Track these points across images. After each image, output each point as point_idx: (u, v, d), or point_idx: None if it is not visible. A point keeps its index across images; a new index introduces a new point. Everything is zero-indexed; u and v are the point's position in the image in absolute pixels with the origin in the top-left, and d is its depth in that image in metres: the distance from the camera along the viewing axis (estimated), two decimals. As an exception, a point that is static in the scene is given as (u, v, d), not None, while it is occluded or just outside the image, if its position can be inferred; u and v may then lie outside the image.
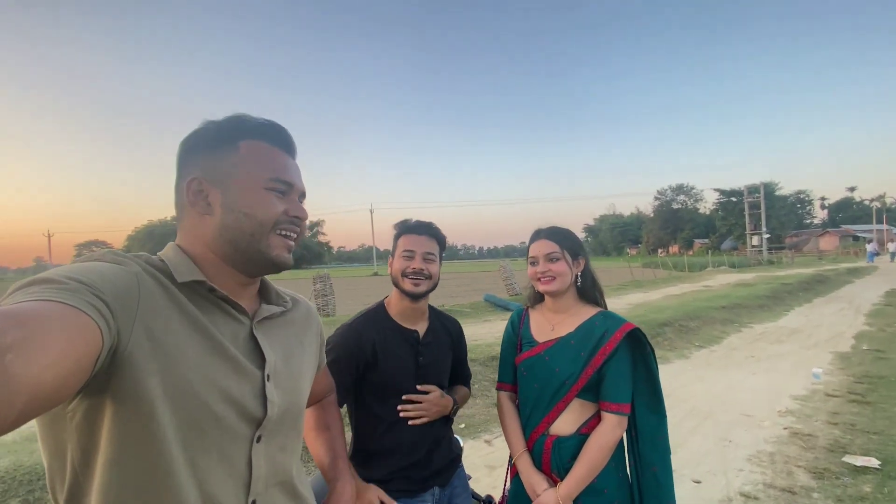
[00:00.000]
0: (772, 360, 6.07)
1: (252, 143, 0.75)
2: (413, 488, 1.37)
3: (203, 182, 0.73)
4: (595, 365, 1.32)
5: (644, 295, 13.21)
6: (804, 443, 3.45)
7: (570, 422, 1.36)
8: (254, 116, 0.77)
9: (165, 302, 0.65)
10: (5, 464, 2.70)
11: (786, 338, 7.50)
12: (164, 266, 0.69)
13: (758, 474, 3.00)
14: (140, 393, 0.58)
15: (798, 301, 11.96)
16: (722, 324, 8.57)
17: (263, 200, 0.74)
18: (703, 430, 3.76)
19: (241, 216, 0.72)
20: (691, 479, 2.96)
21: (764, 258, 37.55)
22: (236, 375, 0.70)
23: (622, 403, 1.30)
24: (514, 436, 1.43)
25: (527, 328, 1.50)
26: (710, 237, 65.39)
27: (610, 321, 1.37)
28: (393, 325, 1.44)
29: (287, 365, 0.81)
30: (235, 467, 0.70)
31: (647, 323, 7.62)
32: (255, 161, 0.74)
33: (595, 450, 1.28)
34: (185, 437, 0.63)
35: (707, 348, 6.90)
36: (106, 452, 0.58)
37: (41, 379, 0.42)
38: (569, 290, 1.42)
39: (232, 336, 0.72)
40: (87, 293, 0.53)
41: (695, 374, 5.53)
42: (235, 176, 0.73)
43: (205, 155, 0.73)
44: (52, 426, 0.60)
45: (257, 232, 0.73)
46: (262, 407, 0.73)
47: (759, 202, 44.10)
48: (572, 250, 1.41)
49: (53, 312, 0.47)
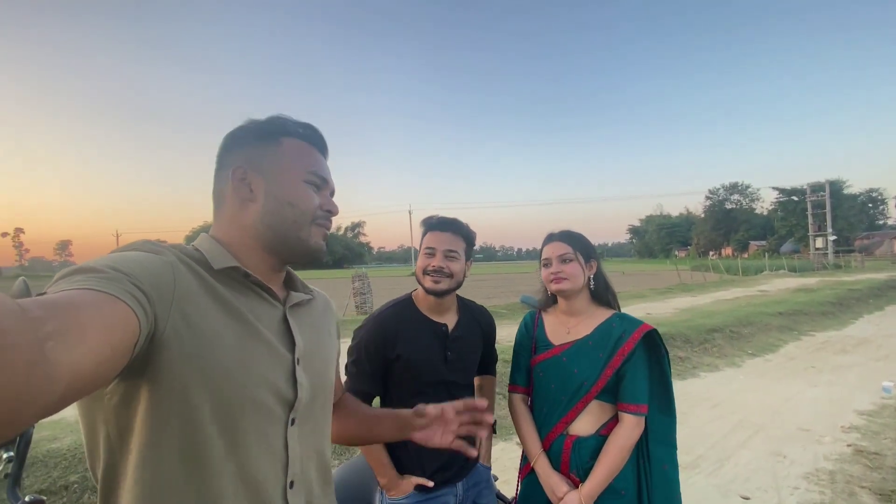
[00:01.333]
0: (835, 371, 5.61)
1: (292, 141, 0.80)
2: (438, 484, 1.36)
3: (247, 171, 0.77)
4: (614, 366, 1.33)
5: (692, 299, 12.59)
6: (870, 462, 3.16)
7: (589, 423, 1.36)
8: (294, 119, 0.82)
9: (200, 289, 0.67)
10: (67, 443, 2.94)
11: (852, 348, 6.92)
12: (198, 255, 0.72)
13: (815, 493, 2.77)
14: (177, 377, 0.60)
15: (868, 308, 11.03)
16: (779, 331, 8.02)
17: (304, 192, 0.79)
18: (754, 444, 3.52)
19: (284, 205, 0.77)
20: (739, 494, 2.78)
21: (829, 262, 34.98)
22: (270, 359, 0.72)
23: (640, 404, 1.32)
24: (530, 438, 1.43)
25: (541, 330, 1.50)
26: (767, 239, 61.43)
27: (627, 323, 1.39)
28: (421, 317, 1.43)
29: (315, 350, 0.83)
30: (273, 449, 0.71)
31: (695, 328, 7.24)
32: (296, 155, 0.79)
33: (616, 451, 1.29)
34: (222, 420, 0.64)
35: (761, 357, 6.48)
36: (142, 434, 0.60)
37: (80, 365, 0.44)
38: (582, 293, 1.44)
39: (267, 320, 0.75)
40: (126, 282, 0.55)
41: (746, 383, 5.20)
42: (278, 167, 0.77)
43: (249, 147, 0.78)
44: (90, 408, 0.63)
45: (299, 220, 0.78)
46: (293, 390, 0.75)
47: (823, 201, 41.13)
48: (585, 252, 1.44)
49: (93, 301, 0.49)
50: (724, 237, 71.98)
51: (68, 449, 2.86)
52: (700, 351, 6.49)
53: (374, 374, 1.37)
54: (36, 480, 2.51)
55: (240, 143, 0.79)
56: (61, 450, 2.84)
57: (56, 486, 2.49)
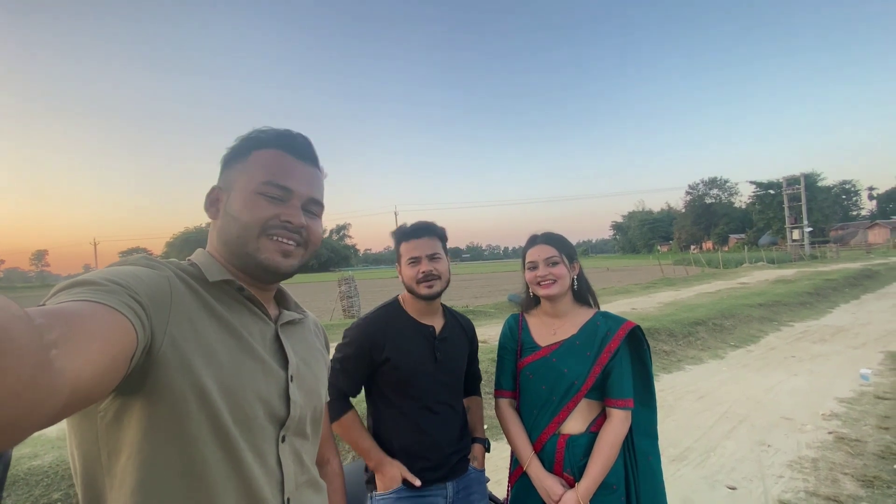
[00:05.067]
0: (815, 360, 5.75)
1: (261, 153, 0.76)
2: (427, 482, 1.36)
3: (220, 190, 0.78)
4: (602, 363, 1.36)
5: (675, 293, 12.80)
6: (851, 448, 3.24)
7: (579, 421, 1.38)
8: (275, 129, 0.79)
9: (196, 304, 0.67)
10: (49, 459, 2.85)
11: (830, 337, 7.11)
12: (193, 270, 0.72)
13: (799, 481, 2.83)
14: (174, 392, 0.59)
15: (844, 298, 11.34)
16: (759, 322, 8.20)
17: (250, 204, 0.74)
18: (739, 434, 3.59)
19: (230, 219, 0.74)
20: (725, 485, 2.82)
21: (806, 253, 35.89)
22: (264, 375, 0.72)
23: (626, 399, 1.35)
24: (521, 441, 1.42)
25: (527, 333, 1.51)
26: (746, 232, 62.90)
27: (611, 321, 1.42)
28: (408, 319, 1.45)
29: (307, 368, 0.83)
30: (269, 467, 0.71)
31: (679, 322, 7.36)
32: (256, 167, 0.75)
33: (607, 447, 1.31)
34: (221, 437, 0.64)
35: (743, 348, 6.62)
36: (138, 451, 0.59)
37: (82, 375, 0.43)
38: (566, 294, 1.46)
39: (260, 336, 0.75)
40: (124, 294, 0.55)
41: (730, 374, 5.30)
42: (236, 182, 0.76)
43: (226, 166, 0.79)
44: (81, 425, 0.61)
45: (242, 235, 0.74)
46: (286, 407, 0.74)
47: (799, 194, 42.18)
48: (568, 254, 1.46)
49: (93, 312, 0.49)
50: (705, 231, 73.43)
51: (49, 466, 2.77)
52: (684, 344, 6.60)
53: (356, 375, 1.41)
54: (18, 499, 2.43)
55: (224, 162, 0.79)
56: (42, 467, 2.75)
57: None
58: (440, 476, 1.38)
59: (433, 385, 1.40)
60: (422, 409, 1.39)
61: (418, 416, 1.38)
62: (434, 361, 1.41)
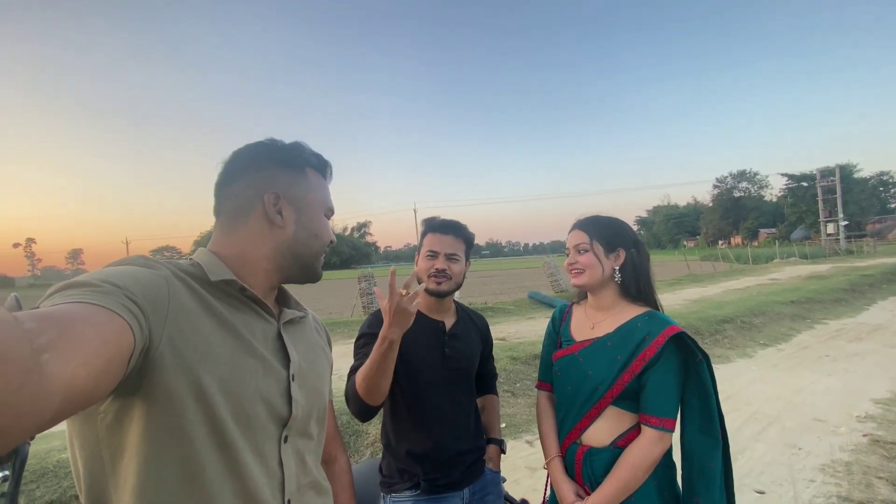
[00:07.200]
0: (850, 359, 5.51)
1: (313, 173, 0.85)
2: (441, 485, 1.34)
3: (281, 198, 0.79)
4: (633, 371, 1.18)
5: (701, 290, 12.48)
6: (887, 452, 3.09)
7: (604, 431, 1.23)
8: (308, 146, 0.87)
9: (195, 303, 0.66)
10: (66, 455, 2.96)
11: (866, 335, 6.80)
12: (194, 269, 0.71)
13: (831, 485, 2.71)
14: (172, 393, 0.59)
15: (881, 294, 10.85)
16: (791, 320, 7.91)
17: (326, 226, 0.86)
18: (768, 437, 3.47)
19: (311, 236, 0.83)
20: (753, 489, 2.73)
21: (841, 247, 34.47)
22: (265, 375, 0.71)
23: (664, 418, 1.15)
24: (548, 438, 1.35)
25: (567, 325, 1.40)
26: (777, 226, 60.74)
27: (654, 323, 1.21)
28: (419, 315, 1.43)
29: (309, 366, 0.83)
30: (270, 467, 0.70)
31: (705, 319, 7.16)
32: (318, 188, 0.85)
33: (629, 466, 1.14)
34: (220, 437, 0.63)
35: (773, 347, 6.39)
36: (139, 454, 0.59)
37: (76, 378, 0.43)
38: (608, 286, 1.30)
39: (262, 335, 0.74)
40: (121, 295, 0.55)
41: (759, 374, 5.13)
42: (306, 199, 0.82)
43: (277, 173, 0.80)
44: (83, 426, 0.61)
45: (319, 251, 0.85)
46: (288, 406, 0.74)
47: (834, 186, 40.45)
48: (608, 241, 1.28)
49: (88, 314, 0.48)
50: (733, 226, 71.19)
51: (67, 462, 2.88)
52: (711, 342, 6.42)
53: None
54: (48, 490, 2.53)
55: (265, 165, 0.79)
56: (72, 459, 2.87)
57: (66, 496, 2.51)
58: (454, 482, 1.36)
59: (440, 381, 1.39)
60: (429, 407, 1.38)
61: (425, 414, 1.37)
62: (442, 356, 1.40)
